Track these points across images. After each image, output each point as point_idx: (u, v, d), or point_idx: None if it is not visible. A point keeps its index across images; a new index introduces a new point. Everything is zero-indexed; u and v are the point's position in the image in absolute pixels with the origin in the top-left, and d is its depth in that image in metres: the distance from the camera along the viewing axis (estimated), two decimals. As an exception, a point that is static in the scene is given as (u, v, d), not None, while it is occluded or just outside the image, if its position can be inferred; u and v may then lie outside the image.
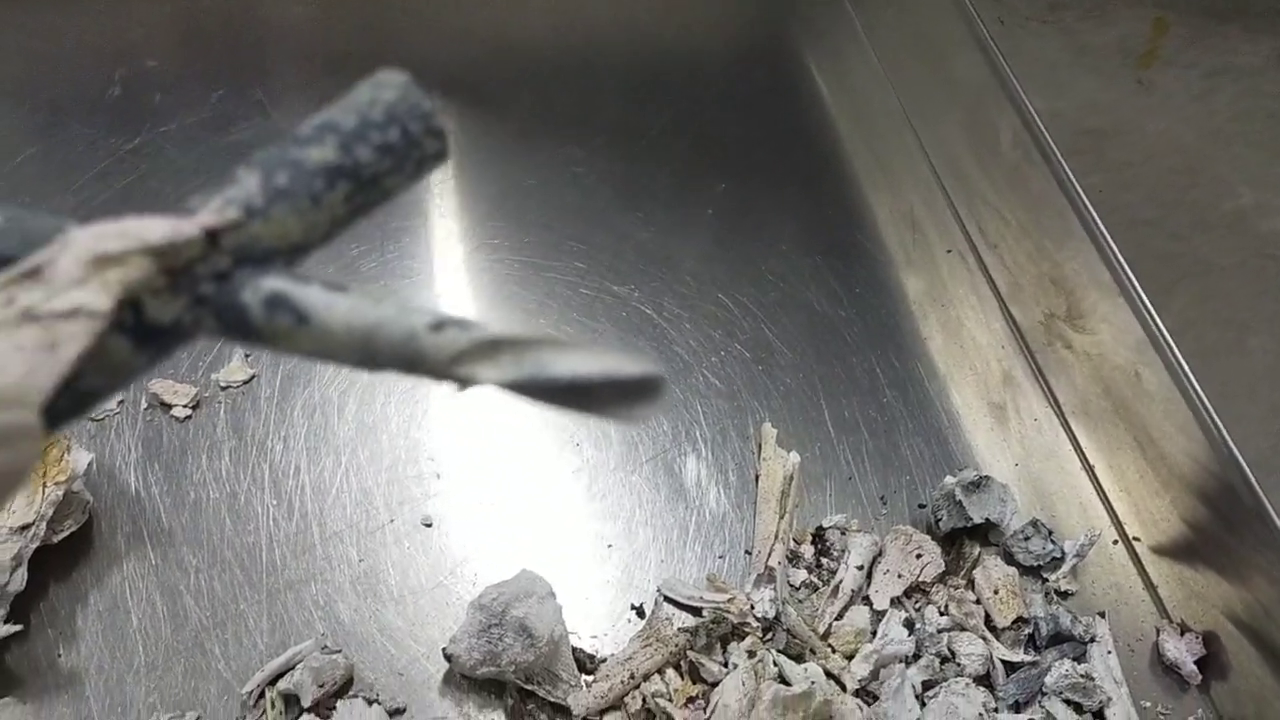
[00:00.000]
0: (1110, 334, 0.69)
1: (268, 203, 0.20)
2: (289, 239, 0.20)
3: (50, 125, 0.75)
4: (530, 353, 0.19)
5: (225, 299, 0.20)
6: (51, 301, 0.18)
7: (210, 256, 0.20)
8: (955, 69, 0.86)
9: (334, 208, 0.20)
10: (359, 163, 0.20)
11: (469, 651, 0.54)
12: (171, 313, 0.20)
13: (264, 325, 0.20)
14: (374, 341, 0.19)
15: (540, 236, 0.76)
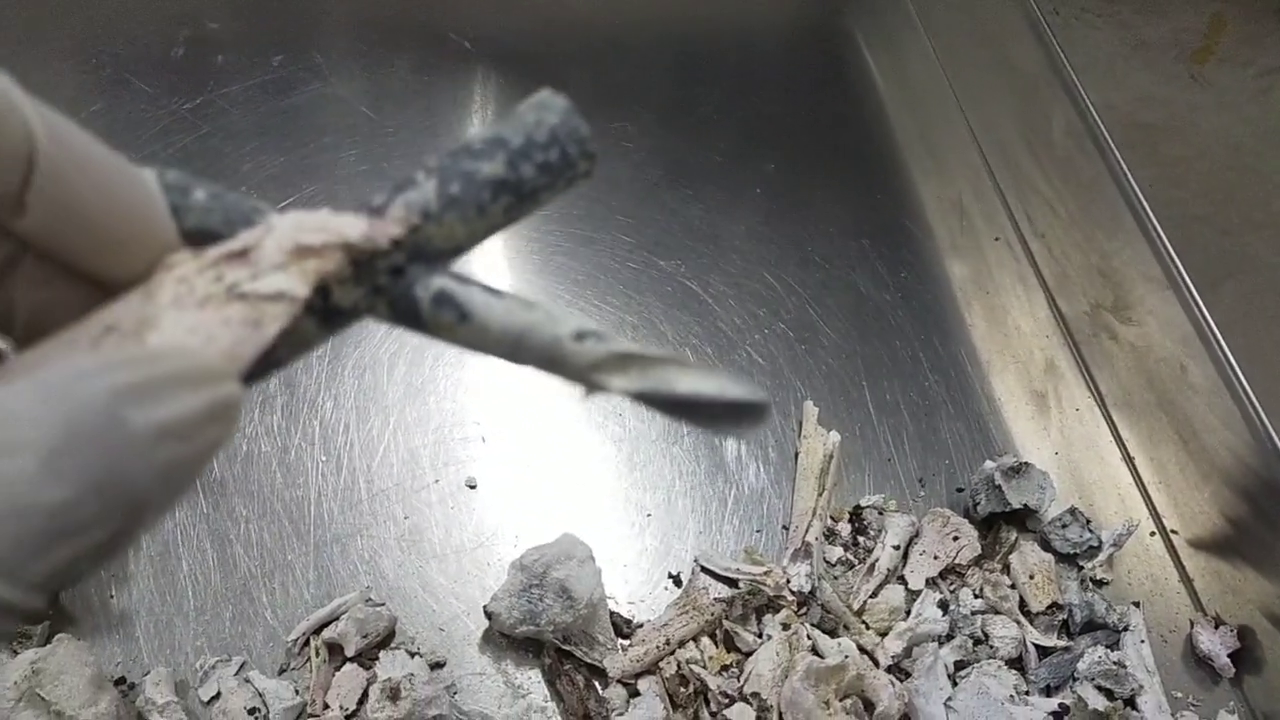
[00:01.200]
0: (1157, 326, 0.69)
1: (441, 209, 0.22)
2: (454, 241, 0.22)
3: (115, 83, 0.77)
4: (656, 369, 0.22)
5: (399, 291, 0.22)
6: (257, 283, 0.21)
7: (390, 253, 0.22)
8: (1010, 57, 0.85)
9: (494, 217, 0.22)
10: (522, 178, 0.22)
11: (509, 610, 0.55)
12: (352, 299, 0.22)
13: (430, 318, 0.22)
14: (523, 343, 0.22)
15: (589, 210, 0.77)
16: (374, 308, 0.22)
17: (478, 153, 0.22)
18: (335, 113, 0.79)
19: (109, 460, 0.17)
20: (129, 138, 0.74)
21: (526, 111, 0.23)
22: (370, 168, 0.76)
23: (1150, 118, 0.98)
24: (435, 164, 0.22)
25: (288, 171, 0.74)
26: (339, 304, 0.22)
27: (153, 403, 0.17)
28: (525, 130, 0.22)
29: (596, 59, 0.88)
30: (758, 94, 0.88)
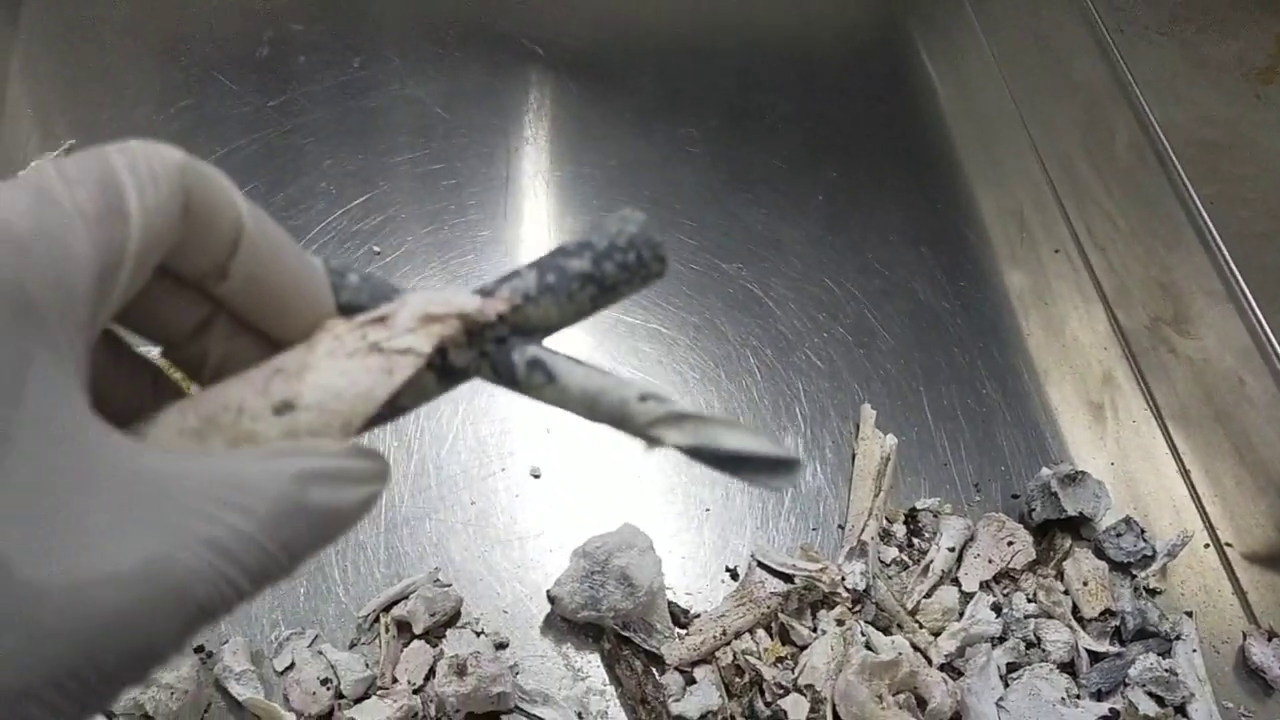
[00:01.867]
0: (1216, 340, 0.69)
1: (539, 294, 0.27)
2: (548, 321, 0.27)
3: (202, 80, 0.80)
4: (707, 427, 0.26)
5: (501, 356, 0.27)
6: (392, 341, 0.26)
7: (496, 325, 0.27)
8: (1073, 71, 0.86)
9: (582, 303, 0.27)
10: (605, 274, 0.27)
11: (571, 595, 0.57)
12: (465, 360, 0.27)
13: (524, 379, 0.27)
14: (598, 402, 0.27)
15: (653, 212, 0.79)
16: (480, 369, 0.27)
17: (570, 252, 0.27)
18: (410, 113, 0.82)
19: (300, 529, 0.22)
20: (215, 132, 0.77)
21: (612, 222, 0.28)
22: (444, 166, 0.78)
23: (1213, 135, 0.98)
24: (537, 261, 0.28)
25: (365, 169, 0.77)
26: (454, 363, 0.27)
27: (330, 490, 0.22)
28: (609, 237, 0.27)
29: (664, 66, 0.90)
30: (821, 102, 0.90)
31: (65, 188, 0.21)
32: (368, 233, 0.73)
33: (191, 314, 0.26)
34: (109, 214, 0.21)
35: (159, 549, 0.19)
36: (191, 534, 0.20)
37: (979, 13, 0.99)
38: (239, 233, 0.24)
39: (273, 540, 0.21)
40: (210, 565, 0.20)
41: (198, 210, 0.23)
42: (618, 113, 0.85)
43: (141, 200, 0.21)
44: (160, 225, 0.22)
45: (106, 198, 0.21)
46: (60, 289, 0.20)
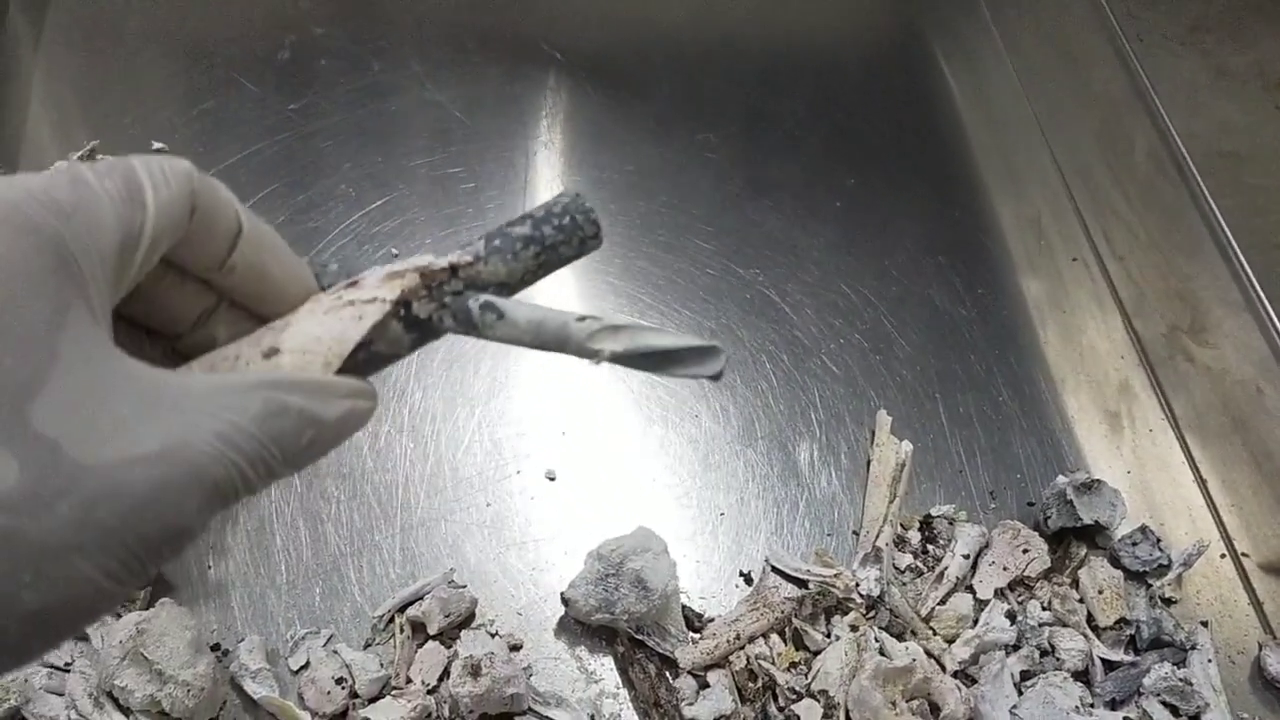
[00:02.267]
0: (1233, 350, 0.69)
1: (487, 254, 0.31)
2: (498, 278, 0.32)
3: (225, 83, 0.81)
4: (637, 334, 0.31)
5: (459, 304, 0.31)
6: (361, 293, 0.30)
7: (452, 280, 0.31)
8: (1092, 81, 0.86)
9: (526, 261, 0.32)
10: (544, 235, 0.32)
11: (585, 598, 0.57)
12: (427, 311, 0.31)
13: (478, 320, 0.31)
14: (542, 327, 0.31)
15: (671, 217, 0.79)
16: (443, 319, 0.31)
17: (513, 221, 0.32)
18: (430, 117, 0.82)
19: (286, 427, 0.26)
20: (238, 134, 0.77)
21: (552, 199, 0.33)
22: (462, 169, 0.79)
23: (1233, 146, 0.98)
24: (488, 231, 0.32)
25: (384, 172, 0.77)
26: (418, 314, 0.31)
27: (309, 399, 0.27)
28: (546, 206, 0.32)
29: (682, 72, 0.90)
30: (839, 109, 0.90)
31: (96, 177, 0.26)
32: (386, 235, 0.74)
33: (196, 303, 0.31)
34: (130, 200, 0.26)
35: (176, 436, 0.24)
36: (200, 426, 0.24)
37: (998, 21, 0.99)
38: (238, 230, 0.29)
39: (263, 433, 0.25)
40: (218, 450, 0.24)
41: (203, 210, 0.28)
42: (636, 118, 0.86)
43: (156, 194, 0.27)
44: (170, 217, 0.27)
45: (129, 188, 0.26)
46: (91, 252, 0.25)
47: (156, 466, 0.23)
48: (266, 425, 0.26)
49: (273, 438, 0.26)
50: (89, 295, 0.25)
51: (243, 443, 0.25)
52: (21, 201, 0.24)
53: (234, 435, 0.25)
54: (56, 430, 0.23)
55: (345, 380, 0.29)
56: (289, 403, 0.27)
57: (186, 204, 0.28)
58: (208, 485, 0.24)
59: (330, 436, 0.28)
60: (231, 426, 0.25)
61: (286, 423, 0.26)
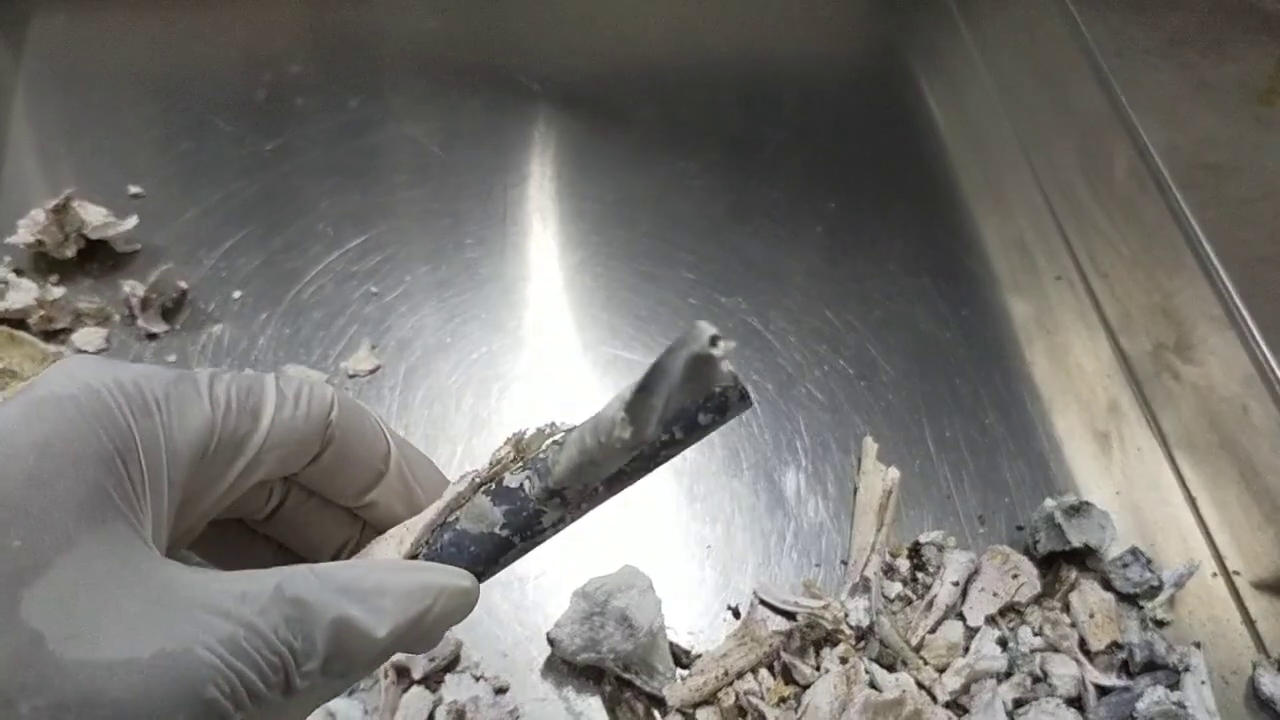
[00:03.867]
0: (1219, 366, 0.69)
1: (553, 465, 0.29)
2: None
3: (201, 124, 0.81)
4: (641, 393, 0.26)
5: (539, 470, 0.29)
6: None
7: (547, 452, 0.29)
8: (1071, 97, 0.86)
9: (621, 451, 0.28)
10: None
11: (571, 637, 0.56)
12: (516, 480, 0.29)
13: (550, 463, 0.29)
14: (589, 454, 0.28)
15: (653, 246, 0.79)
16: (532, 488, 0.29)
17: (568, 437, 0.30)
18: (408, 152, 0.82)
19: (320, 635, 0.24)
20: (215, 175, 0.77)
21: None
22: (441, 205, 0.78)
23: (1215, 158, 0.98)
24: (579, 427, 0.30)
25: (363, 209, 0.77)
26: (507, 484, 0.29)
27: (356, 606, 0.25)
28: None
29: (661, 99, 0.90)
30: (820, 133, 0.90)
31: (208, 382, 0.26)
32: (366, 273, 0.74)
33: (337, 532, 0.31)
34: (239, 411, 0.26)
35: (176, 643, 0.22)
36: (209, 631, 0.22)
37: (977, 41, 0.99)
38: (383, 466, 0.29)
39: (280, 639, 0.23)
40: (221, 661, 0.22)
41: (343, 443, 0.28)
42: (616, 147, 0.85)
43: (279, 412, 0.26)
44: (291, 438, 0.27)
45: (243, 398, 0.26)
46: (159, 449, 0.24)
47: (145, 674, 0.21)
48: (287, 631, 0.23)
49: (292, 646, 0.23)
50: (136, 490, 0.23)
51: (250, 650, 0.22)
52: (104, 387, 0.23)
53: (242, 641, 0.22)
54: (44, 621, 0.21)
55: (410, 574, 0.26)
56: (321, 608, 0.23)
57: (317, 429, 0.27)
58: (199, 700, 0.22)
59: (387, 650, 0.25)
60: (240, 630, 0.22)
61: (315, 631, 0.23)
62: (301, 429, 0.27)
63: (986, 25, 0.99)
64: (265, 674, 0.23)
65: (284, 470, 0.28)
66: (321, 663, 0.24)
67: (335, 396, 0.28)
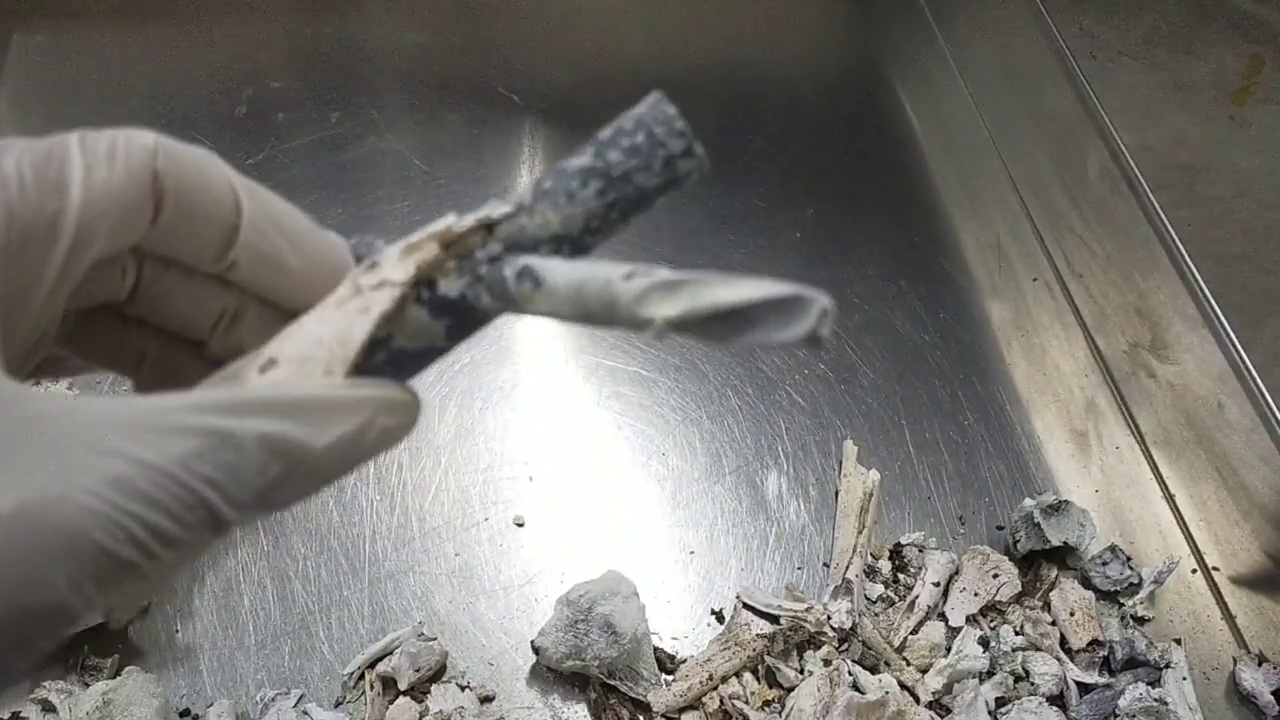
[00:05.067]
0: (1194, 364, 0.69)
1: (534, 200, 0.24)
2: (550, 229, 0.24)
3: (181, 139, 0.80)
4: (699, 288, 0.22)
5: (494, 274, 0.24)
6: (371, 276, 0.24)
7: (488, 244, 0.24)
8: (1045, 100, 0.87)
9: (587, 203, 0.24)
10: (609, 163, 0.24)
11: (556, 645, 0.57)
12: (457, 289, 0.24)
13: (515, 291, 0.23)
14: (584, 294, 0.23)
15: (632, 255, 0.79)
16: (479, 296, 0.24)
17: (573, 154, 0.24)
18: (390, 166, 0.82)
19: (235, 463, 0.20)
20: (195, 192, 0.77)
21: (627, 112, 0.24)
22: (423, 218, 0.78)
23: (1189, 158, 0.99)
24: (544, 170, 0.24)
25: (345, 222, 0.77)
26: (445, 294, 0.24)
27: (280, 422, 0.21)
28: (615, 124, 0.24)
29: (640, 109, 0.90)
30: (798, 140, 0.90)
31: (7, 155, 0.21)
32: (348, 286, 0.74)
33: (211, 304, 0.26)
34: (39, 184, 0.21)
35: (45, 490, 0.18)
36: (87, 471, 0.19)
37: (952, 47, 0.99)
38: (234, 216, 0.24)
39: (196, 474, 0.19)
40: (111, 504, 0.19)
41: (179, 194, 0.23)
42: (595, 157, 0.86)
43: (89, 175, 0.22)
44: (112, 205, 0.22)
45: (44, 168, 0.21)
46: None
47: (6, 532, 0.18)
48: (203, 463, 0.20)
49: (213, 479, 0.20)
50: None
51: (154, 490, 0.19)
52: None
53: (139, 481, 0.19)
54: None
55: (347, 391, 0.22)
56: (243, 431, 0.20)
57: (142, 186, 0.22)
58: (86, 552, 0.18)
59: (328, 466, 0.22)
60: (137, 470, 0.19)
61: (240, 457, 0.20)
62: (123, 188, 0.22)
63: (961, 30, 0.99)
64: (178, 514, 0.19)
65: (121, 242, 0.23)
66: (255, 492, 0.20)
67: (157, 141, 0.23)
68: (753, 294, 0.21)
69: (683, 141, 0.24)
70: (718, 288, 0.22)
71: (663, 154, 0.24)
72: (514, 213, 0.24)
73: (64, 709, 0.54)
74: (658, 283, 0.22)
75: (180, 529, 0.19)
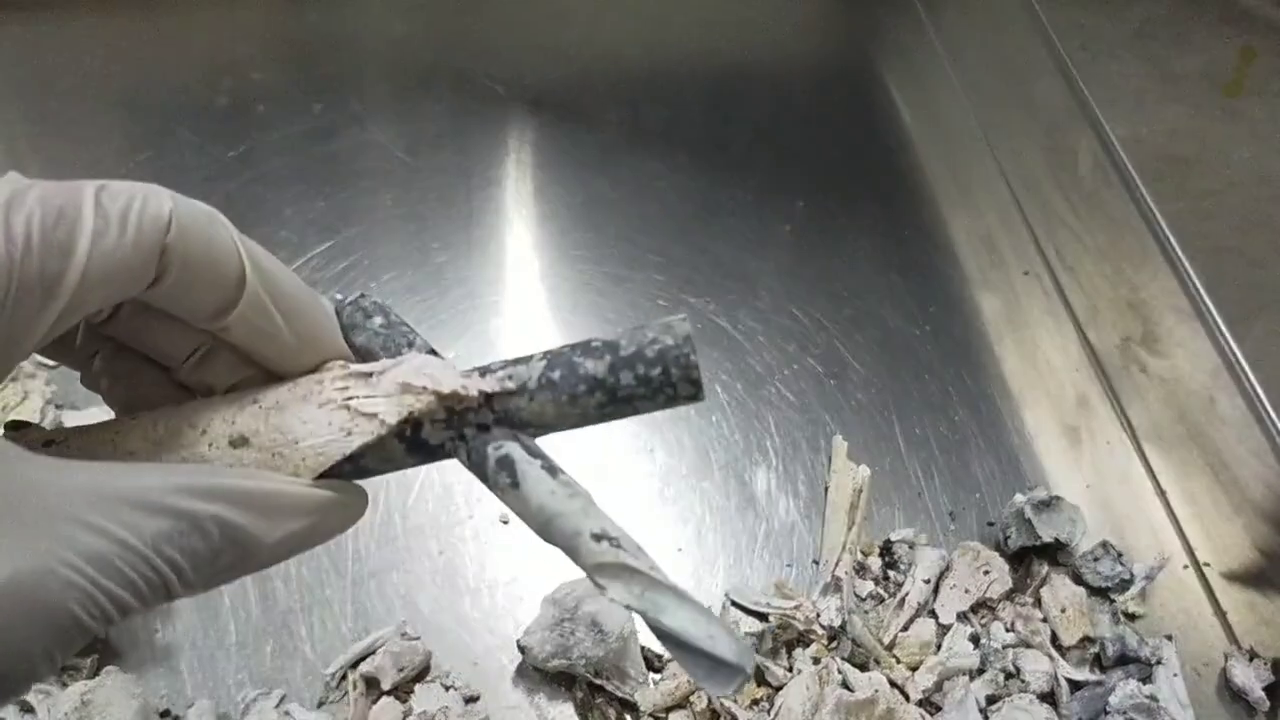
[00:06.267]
0: (1186, 359, 0.69)
1: (537, 388, 0.25)
2: (543, 419, 0.25)
3: (161, 132, 0.80)
4: (652, 593, 0.24)
5: (477, 444, 0.25)
6: (364, 401, 0.25)
7: (481, 409, 0.25)
8: (1035, 92, 0.86)
9: (586, 409, 0.25)
10: (619, 384, 0.25)
11: (541, 644, 0.56)
12: (440, 438, 0.25)
13: (491, 475, 0.25)
14: (550, 526, 0.25)
15: (621, 248, 0.78)
16: (456, 451, 0.25)
17: (591, 350, 0.25)
18: (373, 158, 0.81)
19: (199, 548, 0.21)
20: (175, 185, 0.75)
21: (652, 328, 0.25)
22: (407, 210, 0.78)
23: (1181, 150, 0.98)
24: (553, 351, 0.25)
25: (327, 215, 0.76)
26: (426, 439, 0.25)
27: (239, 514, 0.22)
28: (639, 344, 0.25)
29: (628, 100, 0.90)
30: (787, 133, 0.90)
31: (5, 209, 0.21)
32: (331, 279, 0.73)
33: (184, 343, 0.26)
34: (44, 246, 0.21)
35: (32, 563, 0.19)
36: (70, 544, 0.19)
37: (942, 38, 0.99)
38: (236, 291, 0.24)
39: (163, 556, 0.20)
40: (90, 580, 0.19)
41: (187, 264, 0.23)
42: (583, 149, 0.85)
43: (97, 241, 0.21)
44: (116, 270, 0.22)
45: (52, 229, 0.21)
46: None
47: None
48: (170, 546, 0.20)
49: (175, 562, 0.21)
50: None
51: (127, 569, 0.20)
52: None
53: (116, 560, 0.20)
54: None
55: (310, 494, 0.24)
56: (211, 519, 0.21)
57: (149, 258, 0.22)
58: (62, 625, 0.19)
59: (272, 557, 0.23)
60: (114, 548, 0.20)
61: (204, 544, 0.21)
62: (129, 259, 0.22)
63: (951, 22, 0.99)
64: (141, 591, 0.20)
65: (115, 300, 0.23)
66: (206, 577, 0.21)
67: (173, 211, 0.23)
68: (689, 635, 0.23)
69: (693, 389, 0.25)
70: (668, 606, 0.24)
71: (670, 393, 0.25)
72: (516, 392, 0.25)
73: (42, 709, 0.53)
74: (618, 565, 0.24)
75: (139, 603, 0.20)
